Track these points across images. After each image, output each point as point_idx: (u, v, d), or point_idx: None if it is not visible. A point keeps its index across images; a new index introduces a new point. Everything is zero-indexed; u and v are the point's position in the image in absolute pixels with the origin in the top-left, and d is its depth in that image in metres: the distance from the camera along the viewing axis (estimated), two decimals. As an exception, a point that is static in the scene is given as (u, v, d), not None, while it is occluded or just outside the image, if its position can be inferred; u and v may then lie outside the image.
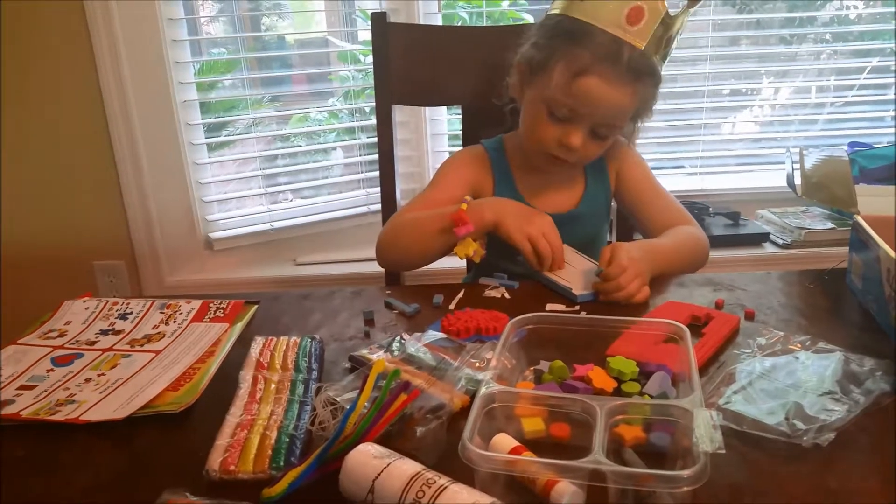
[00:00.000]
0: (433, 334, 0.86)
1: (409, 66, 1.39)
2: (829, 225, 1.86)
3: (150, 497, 0.60)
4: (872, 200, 1.57)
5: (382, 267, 1.24)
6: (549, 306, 0.97)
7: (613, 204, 1.31)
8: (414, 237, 1.14)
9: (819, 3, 2.10)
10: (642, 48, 1.04)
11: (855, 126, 2.13)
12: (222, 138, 2.05)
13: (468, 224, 1.05)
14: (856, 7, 2.14)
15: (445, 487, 0.55)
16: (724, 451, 0.56)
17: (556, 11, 1.11)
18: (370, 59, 1.39)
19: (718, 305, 0.95)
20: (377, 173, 1.43)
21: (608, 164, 1.26)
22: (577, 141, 1.10)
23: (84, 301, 1.03)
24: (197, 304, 1.01)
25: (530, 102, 1.16)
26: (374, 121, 1.42)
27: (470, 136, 1.40)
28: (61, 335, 0.94)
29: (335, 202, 2.08)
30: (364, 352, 0.83)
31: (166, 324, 0.96)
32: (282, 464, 0.64)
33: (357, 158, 2.10)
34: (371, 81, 1.41)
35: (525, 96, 1.17)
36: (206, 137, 1.97)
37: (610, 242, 1.37)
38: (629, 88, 1.07)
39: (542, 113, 1.12)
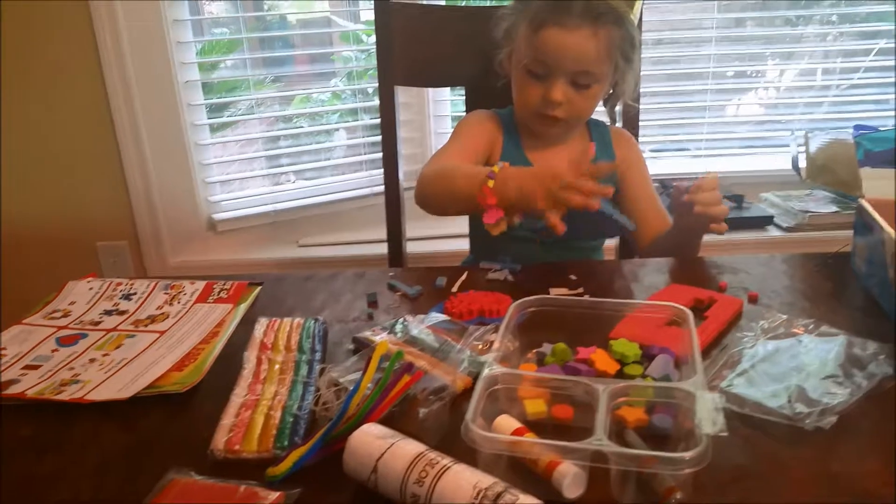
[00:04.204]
0: (436, 316, 0.86)
1: (412, 46, 1.38)
2: (834, 208, 1.85)
3: (155, 476, 0.60)
4: (877, 184, 1.57)
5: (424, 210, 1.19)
6: (552, 290, 0.97)
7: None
8: (447, 197, 1.11)
9: (826, -17, 2.08)
10: None
11: (860, 109, 2.11)
12: (224, 119, 2.05)
13: (496, 211, 1.01)
14: (863, -12, 2.12)
15: (448, 468, 0.55)
16: (726, 434, 0.57)
17: None
18: (373, 39, 1.38)
19: (722, 288, 0.95)
20: (380, 155, 1.42)
21: (617, 155, 1.27)
22: (558, 94, 1.13)
23: (88, 281, 1.03)
24: (201, 284, 1.01)
25: (513, 71, 1.20)
26: (376, 102, 1.42)
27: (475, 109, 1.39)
28: (65, 315, 0.95)
29: (338, 184, 2.08)
30: (367, 333, 0.83)
31: (170, 304, 0.96)
32: (286, 443, 0.65)
33: (360, 140, 2.10)
34: (374, 62, 1.40)
35: (511, 67, 1.21)
36: (209, 118, 1.96)
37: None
38: (588, 30, 1.11)
39: (523, 75, 1.17)
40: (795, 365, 0.73)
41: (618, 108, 1.31)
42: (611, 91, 1.24)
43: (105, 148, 1.86)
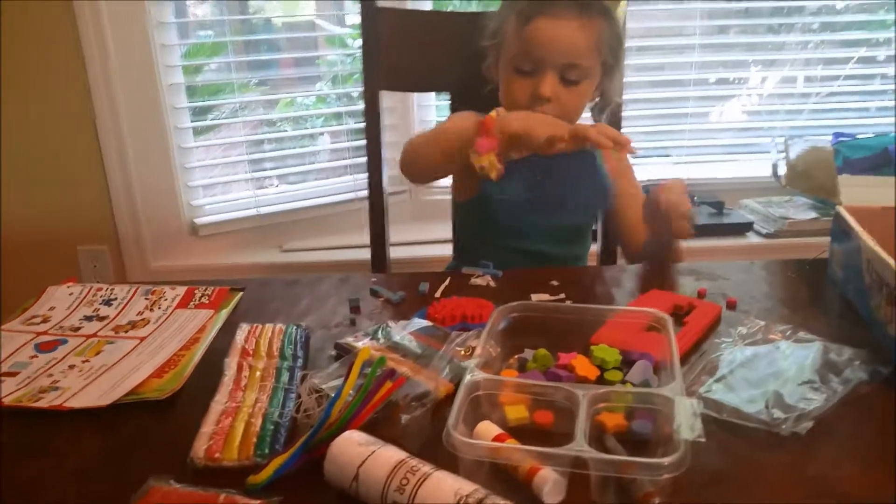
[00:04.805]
0: (419, 322, 0.86)
1: (398, 51, 1.38)
2: (813, 215, 1.88)
3: (134, 484, 0.60)
4: (855, 190, 1.58)
5: (407, 177, 1.23)
6: (533, 296, 0.98)
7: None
8: (438, 151, 1.13)
9: (806, -8, 2.10)
10: None
11: (840, 116, 2.14)
12: (208, 122, 2.04)
13: (492, 139, 1.01)
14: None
15: (429, 475, 0.56)
16: (704, 440, 0.57)
17: None
18: (358, 43, 1.38)
19: (701, 294, 0.96)
20: (364, 159, 1.42)
21: (606, 166, 1.26)
22: (547, 89, 1.13)
23: (68, 287, 1.02)
24: (182, 290, 1.01)
25: (501, 71, 1.20)
26: (361, 106, 1.42)
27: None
28: (45, 321, 0.94)
29: (322, 188, 2.07)
30: (349, 339, 0.83)
31: (151, 310, 0.96)
32: (266, 451, 0.64)
33: (344, 144, 2.09)
34: (359, 66, 1.40)
35: (499, 70, 1.21)
36: (192, 121, 1.95)
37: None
38: (576, 22, 1.12)
39: (511, 73, 1.17)
40: (773, 371, 0.74)
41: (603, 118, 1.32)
42: (597, 99, 1.24)
43: (87, 150, 1.85)
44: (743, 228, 1.92)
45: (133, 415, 0.73)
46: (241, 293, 1.01)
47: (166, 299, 0.98)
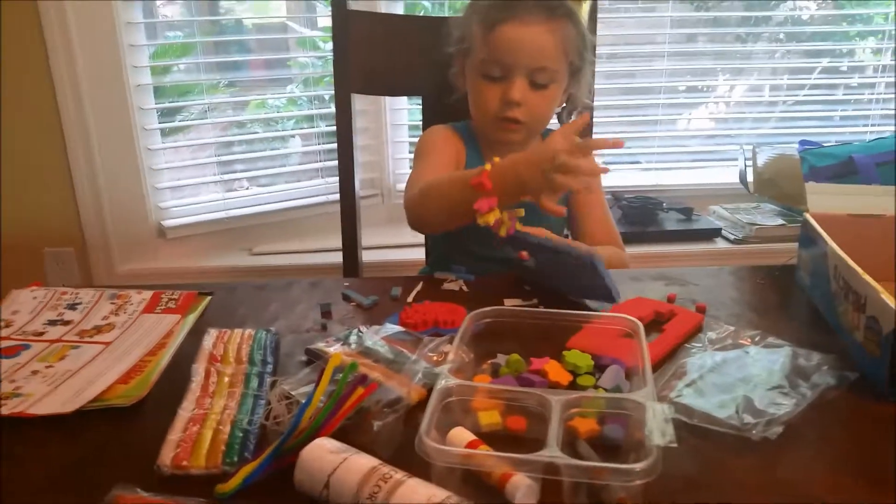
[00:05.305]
0: (391, 327, 0.86)
1: (370, 54, 1.38)
2: (780, 221, 1.91)
3: (100, 493, 0.59)
4: (821, 198, 1.61)
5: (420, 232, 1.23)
6: (506, 301, 0.98)
7: None
8: (444, 208, 1.07)
9: (773, 2, 2.14)
10: None
11: (805, 125, 2.18)
12: (176, 123, 2.01)
13: (492, 198, 0.96)
14: (808, 8, 2.19)
15: (402, 482, 0.55)
16: (675, 445, 0.58)
17: None
18: (330, 45, 1.37)
19: (670, 300, 0.97)
20: (336, 162, 1.41)
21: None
22: (516, 93, 1.13)
23: (32, 290, 1.00)
24: (148, 294, 0.99)
25: (469, 78, 1.20)
26: (333, 109, 1.41)
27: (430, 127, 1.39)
28: (7, 325, 0.91)
29: (292, 191, 2.05)
30: (321, 344, 0.82)
31: (116, 315, 0.94)
32: (235, 459, 0.63)
33: (315, 147, 2.08)
34: (331, 69, 1.39)
35: (466, 77, 1.21)
36: (160, 122, 1.92)
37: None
38: (543, 26, 1.12)
39: (479, 79, 1.16)
40: (743, 376, 0.75)
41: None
42: (564, 105, 1.24)
43: (53, 151, 1.81)
44: (711, 234, 1.95)
45: (98, 422, 0.71)
46: (209, 298, 1.00)
47: (132, 304, 0.96)
